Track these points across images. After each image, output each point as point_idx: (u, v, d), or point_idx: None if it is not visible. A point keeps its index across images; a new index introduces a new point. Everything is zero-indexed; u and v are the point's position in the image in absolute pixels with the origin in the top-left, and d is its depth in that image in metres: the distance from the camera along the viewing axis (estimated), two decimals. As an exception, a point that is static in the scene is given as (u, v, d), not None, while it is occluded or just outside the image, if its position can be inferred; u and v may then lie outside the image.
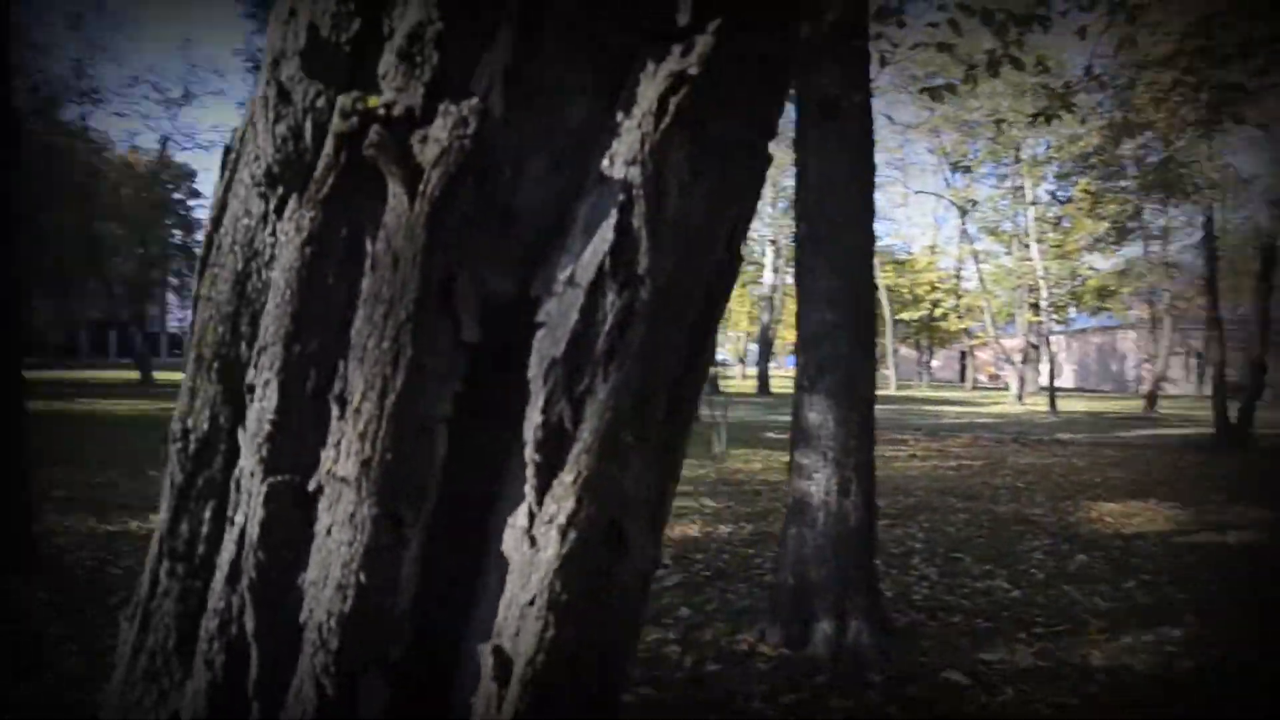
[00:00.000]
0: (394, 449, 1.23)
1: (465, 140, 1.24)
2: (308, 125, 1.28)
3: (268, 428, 1.25)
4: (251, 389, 1.28)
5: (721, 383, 31.45)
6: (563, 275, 1.29)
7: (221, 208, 1.38)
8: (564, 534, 1.23)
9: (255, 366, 1.28)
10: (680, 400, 1.42)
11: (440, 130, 1.24)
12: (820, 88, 6.04)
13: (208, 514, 1.33)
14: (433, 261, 1.24)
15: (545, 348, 1.27)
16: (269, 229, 1.34)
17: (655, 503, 1.42)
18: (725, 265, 1.43)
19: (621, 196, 1.29)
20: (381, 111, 1.25)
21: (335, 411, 1.25)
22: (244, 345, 1.34)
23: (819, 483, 5.82)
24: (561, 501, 1.23)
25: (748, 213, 1.48)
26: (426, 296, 1.24)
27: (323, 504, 1.25)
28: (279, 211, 1.31)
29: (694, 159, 1.35)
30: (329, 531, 1.24)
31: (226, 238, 1.36)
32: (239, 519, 1.27)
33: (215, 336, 1.34)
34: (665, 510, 1.48)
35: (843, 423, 5.85)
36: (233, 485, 1.29)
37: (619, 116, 1.32)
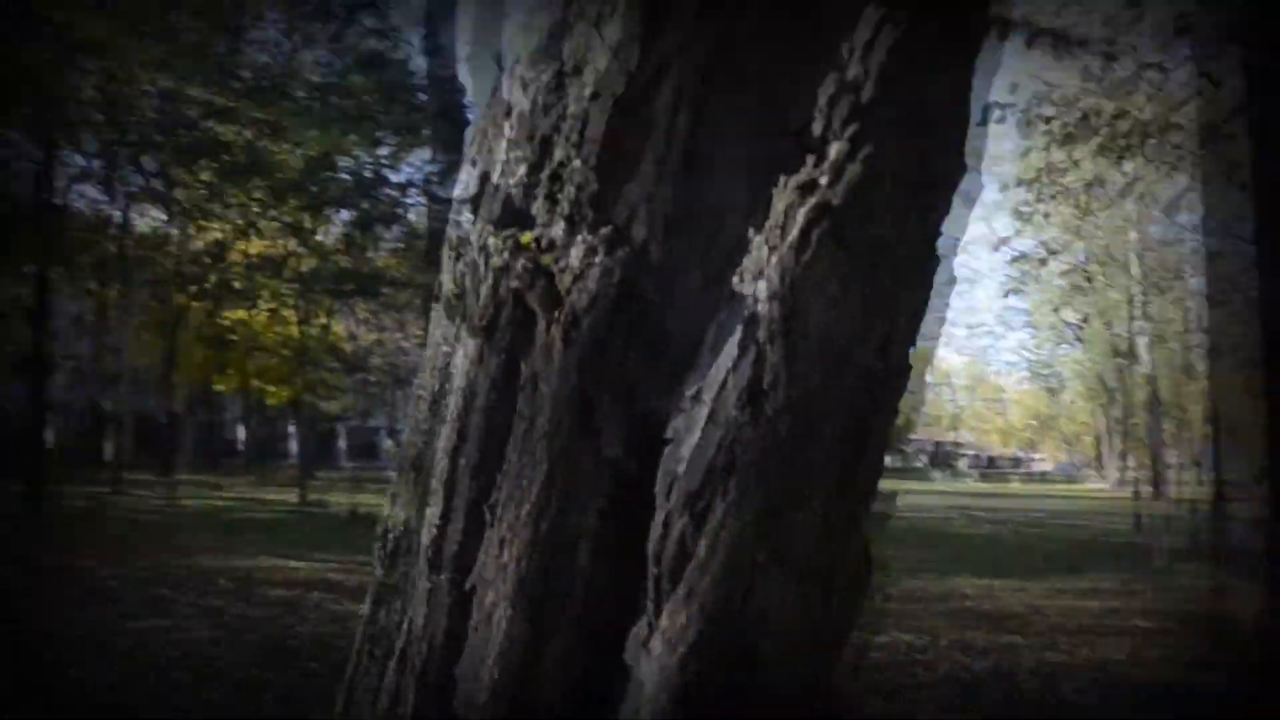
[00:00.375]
0: (531, 556, 1.32)
1: (597, 268, 1.33)
2: (481, 262, 1.45)
3: (434, 531, 1.41)
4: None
5: (1172, 489, 27.99)
6: (690, 391, 1.32)
7: (429, 336, 1.58)
8: (673, 648, 1.23)
9: (433, 476, 1.45)
10: (837, 518, 1.37)
11: (575, 260, 1.34)
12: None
13: (399, 605, 1.50)
14: (568, 381, 1.33)
15: (669, 463, 1.31)
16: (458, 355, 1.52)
17: (813, 625, 1.37)
18: (879, 375, 1.37)
19: (747, 312, 1.30)
20: (532, 246, 1.38)
21: (488, 519, 1.37)
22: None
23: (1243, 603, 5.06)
24: (674, 616, 1.25)
25: (909, 319, 1.41)
26: (561, 414, 1.33)
27: (475, 602, 1.37)
28: (458, 338, 1.48)
29: (838, 270, 1.33)
30: (476, 628, 1.35)
31: (429, 363, 1.56)
32: (409, 611, 1.43)
33: (414, 450, 1.53)
34: (833, 633, 1.42)
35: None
36: (409, 581, 1.46)
37: (750, 232, 1.34)
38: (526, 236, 1.40)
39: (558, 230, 1.37)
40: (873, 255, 1.35)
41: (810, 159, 1.33)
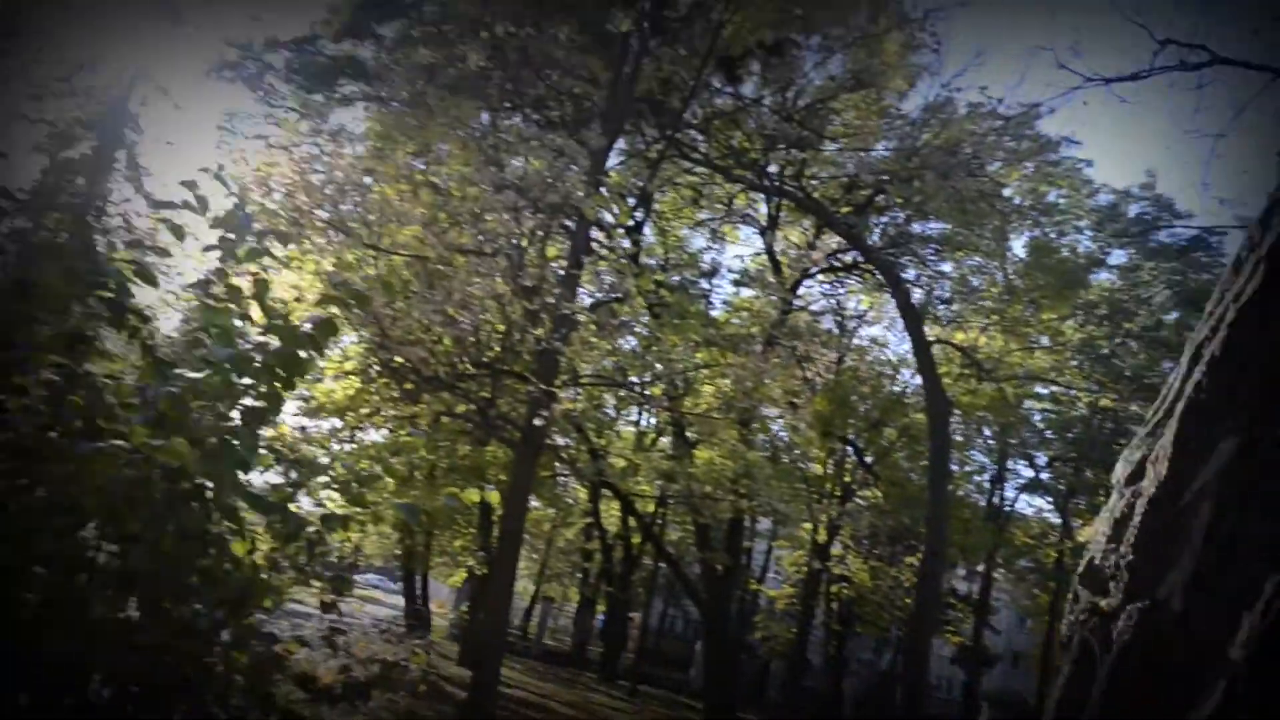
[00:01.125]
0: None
1: (1131, 628, 2.03)
2: (1079, 615, 2.22)
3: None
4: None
5: None
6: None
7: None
8: None
9: None
10: None
11: (1122, 622, 2.07)
12: None
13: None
14: (1113, 701, 2.03)
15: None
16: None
17: None
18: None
19: (1232, 672, 1.87)
20: (1104, 609, 2.14)
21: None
22: None
23: None
24: None
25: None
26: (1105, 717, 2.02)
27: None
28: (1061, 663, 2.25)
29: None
30: None
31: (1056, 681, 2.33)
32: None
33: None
34: None
35: None
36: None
37: (1244, 613, 1.91)
38: (1105, 603, 2.16)
39: (1118, 598, 2.11)
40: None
41: (1297, 559, 1.87)
